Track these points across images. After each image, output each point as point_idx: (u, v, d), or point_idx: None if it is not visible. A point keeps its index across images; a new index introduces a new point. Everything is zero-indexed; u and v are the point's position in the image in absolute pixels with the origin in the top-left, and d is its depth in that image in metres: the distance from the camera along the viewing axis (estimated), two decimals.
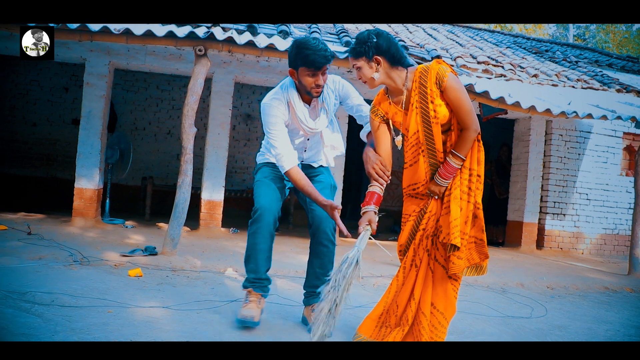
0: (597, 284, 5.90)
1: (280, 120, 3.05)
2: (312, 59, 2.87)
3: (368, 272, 5.24)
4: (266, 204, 3.05)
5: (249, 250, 3.11)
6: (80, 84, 9.92)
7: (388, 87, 2.80)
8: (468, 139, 2.66)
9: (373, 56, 2.66)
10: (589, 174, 8.79)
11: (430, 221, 2.76)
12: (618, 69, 11.47)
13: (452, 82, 2.62)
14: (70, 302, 3.25)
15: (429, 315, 2.74)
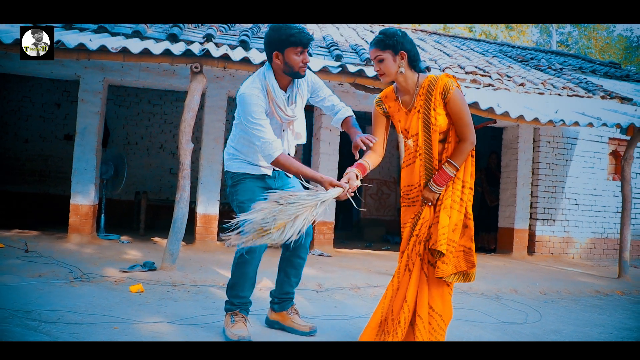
0: (589, 288, 6.03)
1: (262, 110, 3.01)
2: (299, 38, 2.94)
3: (365, 283, 5.32)
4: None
5: (236, 278, 3.20)
6: (72, 99, 9.97)
7: (399, 85, 2.93)
8: (464, 150, 2.81)
9: (399, 51, 2.81)
10: (576, 179, 8.95)
11: (423, 227, 2.88)
12: (601, 75, 11.70)
13: (456, 95, 2.78)
14: (75, 319, 3.30)
15: (426, 317, 2.83)
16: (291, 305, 3.44)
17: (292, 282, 3.39)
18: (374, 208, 11.31)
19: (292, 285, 3.40)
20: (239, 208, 3.14)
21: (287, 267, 3.38)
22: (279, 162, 2.97)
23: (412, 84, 2.89)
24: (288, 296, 3.43)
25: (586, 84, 9.11)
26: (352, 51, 7.87)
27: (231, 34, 7.40)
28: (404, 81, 2.89)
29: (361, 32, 10.87)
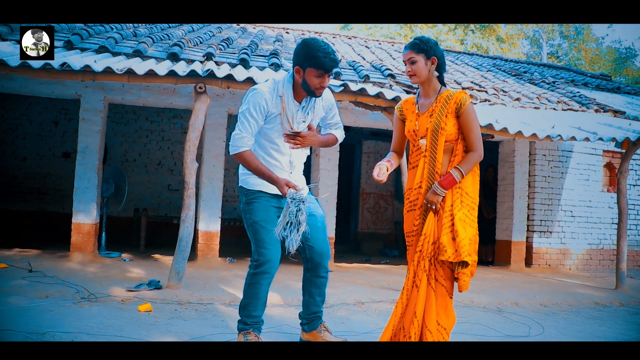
0: (588, 300, 6.11)
1: (260, 110, 3.06)
2: (322, 62, 2.98)
3: (368, 298, 5.37)
4: (272, 257, 3.17)
5: (248, 298, 3.24)
6: (69, 117, 10.02)
7: (422, 88, 3.13)
8: (472, 159, 3.00)
9: (431, 56, 3.04)
10: (572, 191, 9.07)
11: (426, 243, 2.98)
12: (593, 87, 11.87)
13: (469, 110, 3.00)
14: (89, 340, 3.34)
15: (436, 332, 2.93)
16: (320, 323, 3.48)
17: (317, 301, 3.44)
18: (372, 222, 11.38)
19: (318, 305, 3.45)
20: (252, 227, 3.19)
21: (310, 287, 3.43)
22: (241, 157, 3.06)
23: (433, 91, 3.11)
24: (316, 315, 3.46)
25: (580, 98, 9.25)
26: (350, 68, 7.97)
27: (230, 52, 7.49)
28: (428, 86, 3.11)
29: (357, 48, 11.00)
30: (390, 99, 5.97)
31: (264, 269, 3.16)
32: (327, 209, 7.82)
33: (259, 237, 3.17)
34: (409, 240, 3.14)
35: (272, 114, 3.13)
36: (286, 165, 3.26)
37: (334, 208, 7.92)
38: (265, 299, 3.28)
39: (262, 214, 3.18)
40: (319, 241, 3.31)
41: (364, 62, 8.85)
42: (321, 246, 3.32)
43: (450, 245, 2.90)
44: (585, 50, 29.59)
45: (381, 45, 12.38)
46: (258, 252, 3.18)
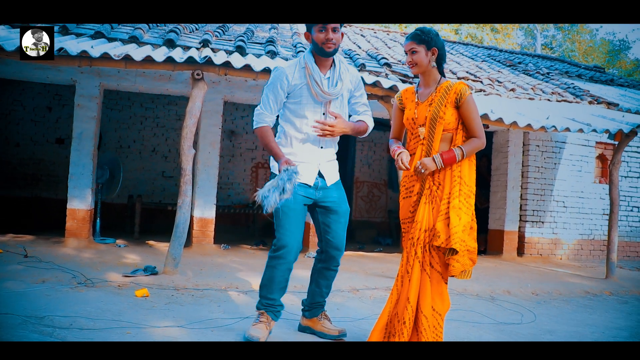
0: (578, 289, 6.19)
1: (281, 90, 3.20)
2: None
3: (363, 285, 5.43)
4: (292, 243, 3.20)
5: (266, 280, 3.30)
6: (63, 103, 9.98)
7: (422, 78, 3.20)
8: (474, 143, 3.08)
9: (432, 47, 3.11)
10: (564, 182, 9.14)
11: (417, 230, 3.05)
12: (587, 79, 11.94)
13: (469, 100, 3.08)
14: (88, 324, 3.36)
15: (430, 317, 2.98)
16: (322, 312, 3.54)
17: (324, 292, 3.50)
18: (365, 210, 11.43)
19: (323, 295, 3.51)
20: (275, 212, 3.16)
21: (319, 278, 3.48)
22: (258, 132, 3.25)
23: (433, 81, 3.18)
24: (319, 304, 3.53)
25: (574, 89, 9.31)
26: (347, 56, 7.98)
27: (226, 39, 7.48)
28: (428, 76, 3.17)
29: (352, 37, 10.99)
30: (387, 87, 5.99)
31: (280, 254, 3.20)
32: None
33: (279, 222, 3.20)
34: (404, 227, 3.20)
35: (296, 87, 3.21)
36: (316, 140, 3.28)
37: None
38: (282, 284, 3.31)
39: (286, 200, 3.19)
40: (338, 236, 3.37)
41: (360, 51, 8.85)
42: (338, 242, 3.37)
43: (443, 232, 2.96)
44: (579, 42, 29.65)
45: (376, 34, 12.37)
46: (277, 237, 3.23)
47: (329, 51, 3.16)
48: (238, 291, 4.82)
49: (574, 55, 27.96)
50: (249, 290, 4.87)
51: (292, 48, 7.83)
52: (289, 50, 7.53)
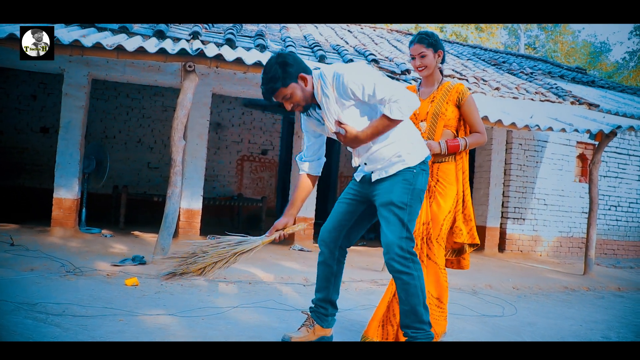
0: (558, 284, 6.36)
1: (304, 126, 3.00)
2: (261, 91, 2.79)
3: (348, 278, 5.51)
4: (321, 234, 3.06)
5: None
6: (48, 92, 9.91)
7: (427, 79, 3.35)
8: (477, 137, 3.31)
9: (438, 50, 3.27)
10: (546, 180, 9.33)
11: (417, 223, 3.21)
12: (569, 80, 12.15)
13: (469, 100, 3.28)
14: (80, 311, 3.41)
15: (428, 303, 3.15)
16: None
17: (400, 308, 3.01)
18: None
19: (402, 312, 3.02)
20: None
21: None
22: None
23: (436, 81, 3.35)
24: (404, 329, 3.07)
25: (557, 90, 9.49)
26: (334, 51, 8.04)
27: (215, 31, 7.50)
28: (432, 76, 3.33)
29: (340, 32, 11.05)
30: None
31: (319, 244, 3.10)
32: None
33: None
34: None
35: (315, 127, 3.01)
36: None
37: (314, 190, 8.02)
38: (321, 283, 3.11)
39: (341, 194, 3.14)
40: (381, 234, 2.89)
41: (347, 47, 8.92)
42: (387, 234, 2.82)
43: (465, 228, 3.26)
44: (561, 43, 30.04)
45: (363, 29, 12.45)
46: None
47: (288, 109, 2.83)
48: (226, 281, 4.88)
49: (557, 56, 28.33)
50: (237, 280, 4.94)
51: (281, 42, 7.87)
52: (278, 44, 7.57)
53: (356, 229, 3.09)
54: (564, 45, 30.03)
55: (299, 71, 2.72)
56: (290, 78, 2.69)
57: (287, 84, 2.69)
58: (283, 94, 2.71)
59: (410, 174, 2.82)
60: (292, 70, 2.69)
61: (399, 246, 2.74)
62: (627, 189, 10.05)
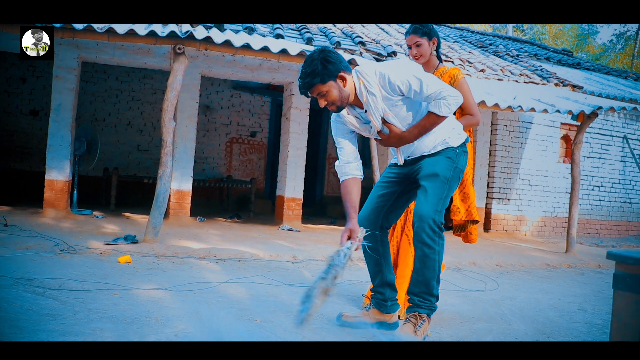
0: (540, 262, 6.55)
1: (339, 133, 2.97)
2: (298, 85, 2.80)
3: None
4: (360, 217, 3.02)
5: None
6: (37, 74, 9.91)
7: (424, 65, 3.45)
8: (469, 119, 3.44)
9: (432, 38, 3.39)
10: (530, 161, 9.52)
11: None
12: (555, 62, 12.31)
13: (462, 83, 3.42)
14: (76, 286, 3.53)
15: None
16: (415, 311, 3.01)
17: (413, 278, 3.01)
18: (337, 186, 11.66)
19: (412, 283, 3.06)
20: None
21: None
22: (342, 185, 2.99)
23: (432, 67, 3.47)
24: (409, 295, 3.11)
25: (541, 71, 9.64)
26: (322, 34, 8.13)
27: None
28: (427, 63, 3.45)
29: None
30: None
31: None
32: (296, 172, 8.07)
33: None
34: None
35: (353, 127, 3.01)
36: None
37: (302, 171, 8.16)
38: (372, 268, 3.12)
39: (381, 176, 3.19)
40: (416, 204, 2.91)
41: (335, 29, 9.00)
42: (421, 203, 2.86)
43: (462, 207, 3.45)
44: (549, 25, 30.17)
45: None
46: None
47: (334, 110, 2.81)
48: (216, 259, 5.02)
49: (544, 39, 28.48)
50: (227, 258, 5.07)
51: (269, 25, 7.94)
52: (266, 27, 7.65)
53: (396, 210, 3.13)
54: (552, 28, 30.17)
55: (340, 69, 2.70)
56: (330, 75, 2.68)
57: (326, 81, 2.68)
58: (319, 90, 2.69)
59: (453, 152, 2.89)
60: (332, 67, 2.67)
61: (433, 219, 2.78)
62: (609, 170, 10.27)
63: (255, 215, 9.15)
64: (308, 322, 2.57)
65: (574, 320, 3.77)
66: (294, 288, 4.04)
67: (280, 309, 3.42)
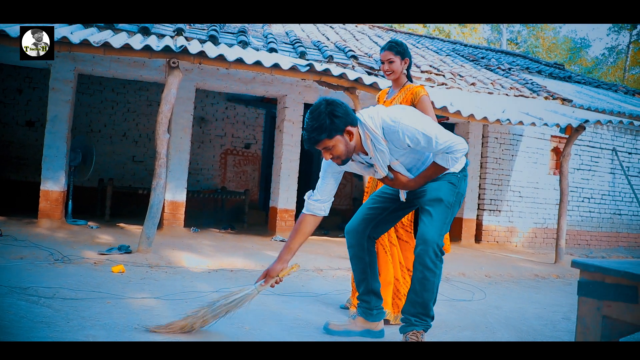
0: (528, 272, 6.66)
1: (330, 170, 2.96)
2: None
3: (327, 266, 5.77)
4: (349, 225, 3.15)
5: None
6: (34, 86, 10.01)
7: (394, 82, 3.73)
8: None
9: (405, 58, 3.64)
10: (521, 173, 9.64)
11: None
12: (546, 75, 12.48)
13: (423, 100, 3.58)
14: (70, 295, 3.60)
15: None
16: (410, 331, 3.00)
17: (409, 296, 3.02)
18: None
19: (408, 301, 3.06)
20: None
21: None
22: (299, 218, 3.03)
23: (400, 85, 3.71)
24: (404, 315, 3.09)
25: (532, 85, 9.79)
26: (315, 48, 8.26)
27: (199, 27, 7.67)
28: (399, 79, 3.69)
29: (321, 28, 11.26)
30: (353, 79, 6.28)
31: (346, 235, 3.19)
32: (289, 184, 8.17)
33: None
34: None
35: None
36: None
37: (295, 182, 8.25)
38: (358, 275, 3.19)
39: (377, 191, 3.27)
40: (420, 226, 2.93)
41: (328, 43, 9.14)
42: (423, 229, 2.87)
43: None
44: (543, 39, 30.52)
45: (345, 26, 12.66)
46: None
47: (339, 163, 2.80)
48: (209, 270, 5.10)
49: (538, 52, 28.78)
50: (220, 268, 5.16)
51: (263, 38, 8.07)
52: (260, 41, 7.78)
53: (386, 223, 3.18)
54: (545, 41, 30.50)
55: (347, 124, 2.66)
56: (337, 130, 2.63)
57: (333, 136, 2.63)
58: (325, 145, 2.65)
59: (455, 178, 2.92)
60: (339, 122, 2.63)
61: (437, 244, 2.80)
62: (599, 182, 10.40)
63: (249, 226, 9.23)
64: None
65: (557, 328, 3.87)
66: (284, 297, 4.12)
67: (270, 317, 3.50)
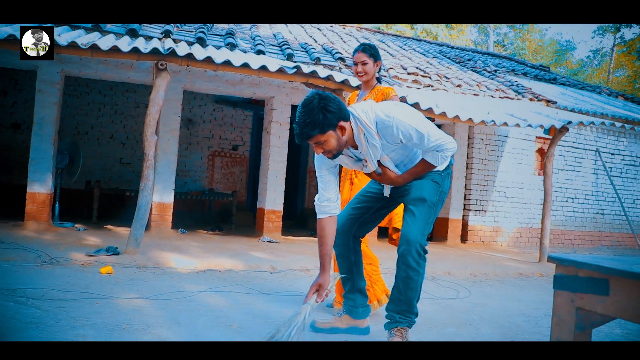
0: (513, 271, 6.75)
1: (324, 165, 2.92)
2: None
3: (313, 265, 5.80)
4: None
5: None
6: (19, 88, 9.97)
7: (365, 84, 3.78)
8: None
9: (377, 60, 3.72)
10: (506, 174, 9.76)
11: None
12: (532, 77, 12.63)
13: (393, 99, 3.64)
14: (59, 296, 3.63)
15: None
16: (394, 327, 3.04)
17: (393, 294, 3.05)
18: None
19: (392, 300, 3.08)
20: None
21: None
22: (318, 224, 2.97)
23: (370, 87, 3.78)
24: (388, 313, 3.10)
25: (517, 87, 9.92)
26: (302, 50, 8.32)
27: (187, 29, 7.71)
28: (371, 81, 3.76)
29: (309, 30, 11.32)
30: (339, 81, 6.35)
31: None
32: (277, 185, 8.22)
33: None
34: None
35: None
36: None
37: (282, 184, 8.30)
38: (344, 272, 3.20)
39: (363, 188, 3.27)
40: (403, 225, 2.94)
41: (316, 45, 9.20)
42: (407, 228, 2.89)
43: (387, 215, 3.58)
44: (529, 41, 30.83)
45: (332, 27, 12.73)
46: None
47: (329, 157, 2.77)
48: (197, 270, 5.13)
49: (524, 54, 29.06)
50: (207, 269, 5.19)
51: (251, 40, 8.11)
52: (248, 43, 7.82)
53: (371, 222, 3.20)
54: (532, 43, 30.82)
55: (340, 119, 2.63)
56: (330, 125, 2.60)
57: (325, 131, 2.60)
58: (317, 139, 2.62)
59: (439, 176, 2.92)
60: (332, 117, 2.59)
61: (420, 243, 2.81)
62: (583, 182, 10.55)
63: (236, 228, 9.26)
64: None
65: (539, 325, 3.95)
66: (271, 296, 4.17)
67: (257, 316, 3.55)
